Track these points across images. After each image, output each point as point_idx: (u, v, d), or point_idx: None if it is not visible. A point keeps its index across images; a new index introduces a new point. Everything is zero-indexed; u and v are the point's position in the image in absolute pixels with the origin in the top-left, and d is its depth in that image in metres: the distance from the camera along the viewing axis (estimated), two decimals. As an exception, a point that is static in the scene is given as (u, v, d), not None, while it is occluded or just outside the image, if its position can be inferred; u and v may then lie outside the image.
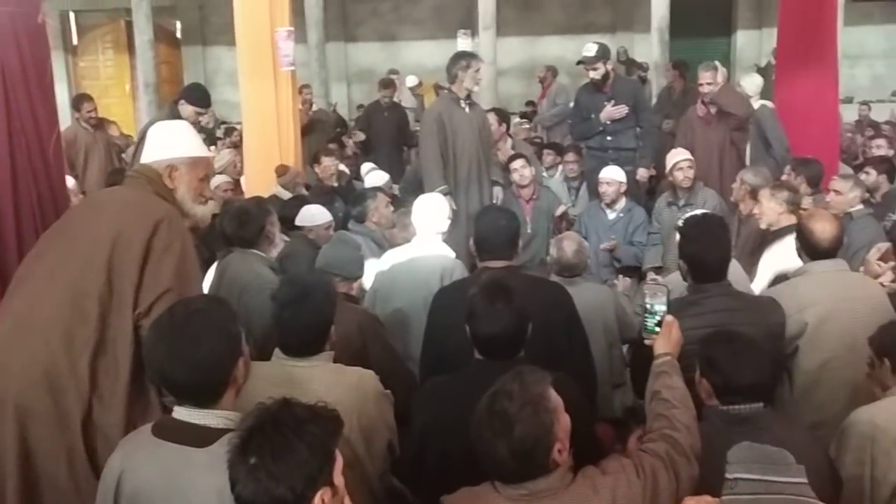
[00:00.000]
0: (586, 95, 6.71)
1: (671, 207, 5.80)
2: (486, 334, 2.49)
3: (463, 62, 5.73)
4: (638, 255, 5.89)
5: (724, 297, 3.05)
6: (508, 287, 2.53)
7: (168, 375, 2.02)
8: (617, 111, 6.40)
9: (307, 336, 2.62)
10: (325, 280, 2.97)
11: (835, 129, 6.91)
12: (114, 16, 15.20)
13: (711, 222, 3.25)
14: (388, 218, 5.00)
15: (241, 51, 6.62)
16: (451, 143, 5.70)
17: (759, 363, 2.50)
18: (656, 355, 2.51)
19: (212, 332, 2.02)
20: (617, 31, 14.48)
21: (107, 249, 2.62)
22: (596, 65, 6.37)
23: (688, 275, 3.11)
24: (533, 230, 6.04)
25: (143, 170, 2.91)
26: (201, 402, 2.02)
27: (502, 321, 2.47)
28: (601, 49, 6.41)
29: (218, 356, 2.02)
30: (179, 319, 2.04)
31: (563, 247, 4.16)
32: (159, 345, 2.03)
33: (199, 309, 2.08)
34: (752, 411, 2.46)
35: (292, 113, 6.64)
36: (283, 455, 1.67)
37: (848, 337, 3.24)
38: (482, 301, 2.50)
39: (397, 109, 9.59)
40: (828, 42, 6.57)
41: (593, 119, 6.53)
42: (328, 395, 2.27)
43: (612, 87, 6.49)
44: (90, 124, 7.83)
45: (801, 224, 3.51)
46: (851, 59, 14.28)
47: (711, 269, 3.06)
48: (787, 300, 3.32)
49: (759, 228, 4.51)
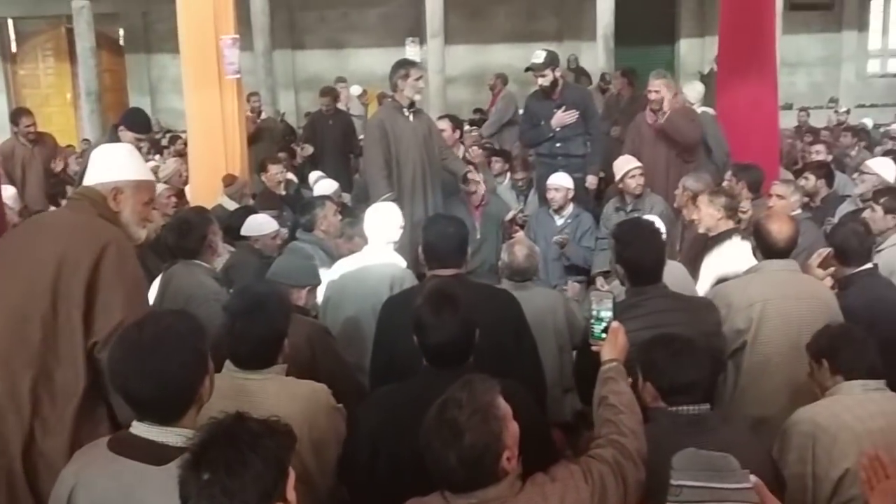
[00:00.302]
0: (536, 102, 6.74)
1: (619, 213, 5.86)
2: (433, 344, 2.49)
3: (402, 71, 5.71)
4: (587, 258, 5.95)
5: (662, 298, 3.11)
6: (454, 295, 2.53)
7: (133, 391, 1.97)
8: (568, 116, 6.43)
9: (260, 348, 2.58)
10: (278, 291, 2.93)
11: (775, 135, 7.07)
12: (54, 23, 14.87)
13: (644, 226, 3.31)
14: (336, 226, 4.98)
15: (185, 59, 6.53)
16: (394, 151, 5.68)
17: (699, 361, 2.58)
18: (603, 361, 2.53)
19: (181, 349, 1.98)
20: (563, 39, 14.66)
21: (51, 272, 2.57)
22: (544, 71, 6.40)
23: (625, 279, 3.17)
24: (482, 236, 6.05)
25: (86, 192, 2.87)
26: (163, 419, 1.98)
27: (449, 330, 2.46)
28: (549, 56, 6.45)
29: (186, 373, 1.98)
30: (148, 335, 1.99)
31: (514, 252, 4.18)
32: (126, 360, 1.97)
33: (169, 325, 2.03)
34: (700, 413, 2.51)
35: (238, 121, 6.57)
36: (238, 470, 1.63)
37: (792, 334, 3.34)
38: (428, 311, 2.49)
39: (341, 117, 9.47)
40: (767, 50, 6.72)
41: (543, 126, 6.55)
42: (280, 408, 2.24)
43: (561, 95, 6.53)
44: (28, 139, 7.60)
45: (758, 224, 3.61)
46: (790, 66, 14.67)
47: (647, 272, 3.12)
48: (737, 294, 3.43)
49: (702, 233, 4.59)
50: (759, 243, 3.57)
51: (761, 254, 3.59)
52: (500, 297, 3.23)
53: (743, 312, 3.39)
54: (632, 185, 5.76)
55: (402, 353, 2.81)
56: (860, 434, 2.65)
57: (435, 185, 5.89)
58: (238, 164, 6.53)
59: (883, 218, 4.44)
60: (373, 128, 5.84)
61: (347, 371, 3.45)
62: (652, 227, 3.31)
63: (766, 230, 3.53)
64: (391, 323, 3.13)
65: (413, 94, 5.68)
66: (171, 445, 1.94)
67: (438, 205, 5.85)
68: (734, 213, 4.45)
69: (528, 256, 4.18)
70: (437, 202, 5.88)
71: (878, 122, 12.65)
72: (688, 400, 2.51)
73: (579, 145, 6.52)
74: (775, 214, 3.73)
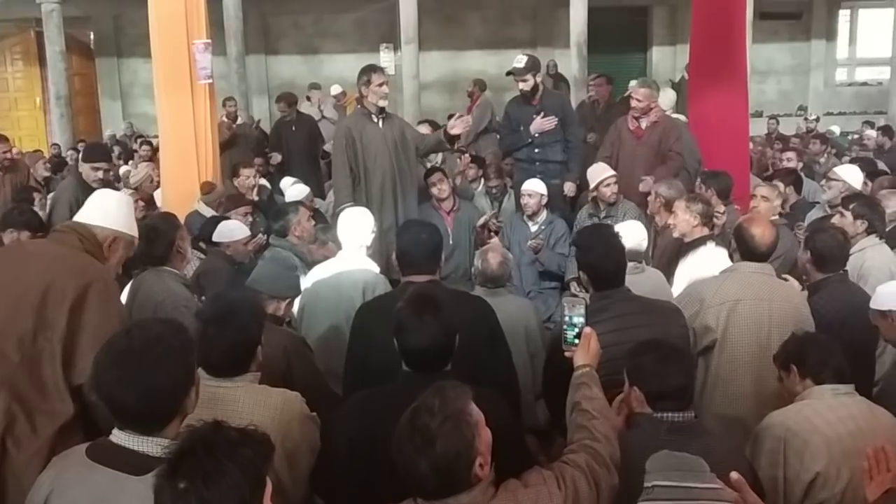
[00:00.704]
0: (515, 108, 6.74)
1: (592, 219, 5.87)
2: (414, 347, 2.47)
3: (364, 77, 5.69)
4: (561, 264, 5.96)
5: (627, 302, 3.13)
6: (436, 299, 2.52)
7: (117, 399, 1.93)
8: (547, 122, 6.43)
9: (232, 355, 2.56)
10: (251, 298, 2.91)
11: (745, 142, 7.15)
12: (23, 25, 14.67)
13: (604, 231, 3.37)
14: (309, 232, 4.95)
15: (157, 63, 6.46)
16: (361, 158, 5.65)
17: (686, 367, 2.59)
18: (576, 367, 2.53)
19: (169, 359, 1.95)
20: (537, 45, 14.71)
21: (37, 297, 2.61)
22: (525, 76, 6.40)
23: (589, 284, 3.19)
24: (455, 242, 6.05)
25: (76, 227, 2.93)
26: (146, 428, 1.95)
27: (430, 334, 2.45)
28: (531, 61, 6.46)
29: (173, 384, 1.96)
30: (137, 344, 1.96)
31: (487, 258, 4.19)
32: (112, 367, 1.94)
33: (159, 335, 2.00)
34: (684, 420, 2.52)
35: (210, 127, 6.51)
36: (215, 479, 1.61)
37: (762, 336, 3.39)
38: (410, 314, 2.48)
39: (304, 121, 9.35)
40: (738, 58, 6.80)
41: (522, 131, 6.55)
42: (252, 417, 2.22)
43: (540, 101, 6.53)
44: (2, 167, 7.02)
45: (740, 227, 3.64)
46: (760, 74, 14.89)
47: (610, 276, 3.14)
48: (710, 291, 3.47)
49: (675, 239, 4.62)
50: (740, 246, 3.60)
51: (740, 256, 3.62)
52: (474, 304, 3.23)
53: (714, 310, 3.43)
54: (606, 194, 5.80)
55: (376, 360, 2.80)
56: (831, 438, 2.69)
57: (407, 191, 5.86)
58: (210, 170, 6.48)
59: (853, 223, 4.50)
60: (339, 136, 5.83)
61: (323, 384, 3.42)
62: (612, 231, 3.35)
63: (749, 234, 3.56)
64: (364, 329, 3.11)
65: (377, 100, 5.64)
66: (150, 455, 1.92)
67: (411, 211, 5.82)
68: (710, 219, 4.49)
69: (502, 263, 4.19)
70: (411, 209, 5.85)
71: (846, 130, 12.86)
72: (673, 406, 2.52)
73: (557, 151, 6.53)
74: (758, 218, 3.77)
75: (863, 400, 2.87)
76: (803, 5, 15.63)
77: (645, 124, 6.32)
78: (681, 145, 6.28)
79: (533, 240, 5.95)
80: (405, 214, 5.73)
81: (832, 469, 2.67)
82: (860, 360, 3.15)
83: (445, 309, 2.49)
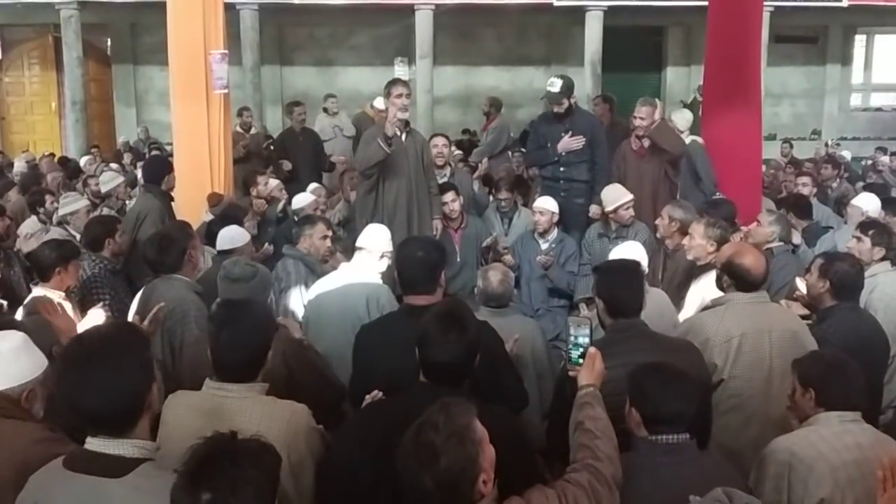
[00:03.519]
0: (545, 125, 6.76)
1: (602, 239, 5.91)
2: (435, 361, 2.51)
3: (386, 90, 5.73)
4: (570, 282, 5.96)
5: (642, 338, 3.11)
6: (464, 318, 2.57)
7: (81, 405, 1.95)
8: (575, 142, 6.42)
9: (245, 357, 2.57)
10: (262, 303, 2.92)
11: (758, 165, 7.17)
12: (41, 31, 14.85)
13: (628, 265, 3.39)
14: (319, 250, 4.91)
15: (173, 72, 6.55)
16: (381, 170, 5.65)
17: (687, 392, 2.57)
18: (580, 386, 2.55)
19: (124, 359, 1.98)
20: (551, 63, 14.77)
21: None
22: (561, 100, 6.43)
23: (604, 312, 3.18)
24: (462, 259, 6.04)
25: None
26: (116, 430, 1.96)
27: (453, 351, 2.49)
28: (565, 84, 6.44)
29: (132, 382, 1.97)
30: (89, 347, 1.98)
31: (488, 277, 4.18)
32: (70, 374, 1.96)
33: (109, 335, 2.03)
34: (679, 442, 2.52)
35: (224, 136, 6.58)
36: (242, 487, 1.63)
37: (764, 368, 3.37)
38: (437, 328, 2.52)
39: (310, 134, 9.29)
40: (752, 80, 6.84)
41: (549, 148, 6.55)
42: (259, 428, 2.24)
43: (570, 119, 6.51)
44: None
45: (730, 261, 3.56)
46: (775, 97, 14.91)
47: (628, 305, 3.14)
48: (712, 328, 3.43)
49: (687, 262, 4.62)
50: (736, 280, 3.54)
51: (735, 288, 3.56)
52: None
53: (720, 347, 3.39)
54: (625, 217, 5.81)
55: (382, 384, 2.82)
56: (836, 465, 2.68)
57: (423, 209, 5.85)
58: (223, 180, 6.54)
59: (870, 250, 4.55)
60: (369, 134, 5.81)
61: (329, 379, 3.45)
62: (636, 265, 3.37)
63: (745, 268, 3.49)
64: (368, 352, 3.14)
65: (396, 112, 5.65)
66: (126, 457, 1.94)
67: (425, 230, 5.80)
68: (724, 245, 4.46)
69: (503, 282, 4.17)
70: (425, 227, 5.82)
71: (859, 156, 12.83)
72: (670, 430, 2.52)
73: (583, 171, 6.50)
74: (744, 249, 3.68)
75: (869, 427, 2.86)
76: (819, 29, 15.64)
77: (647, 143, 6.37)
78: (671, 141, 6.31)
79: (542, 256, 5.96)
80: (419, 229, 5.74)
81: (837, 495, 2.66)
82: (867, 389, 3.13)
83: (471, 328, 2.54)
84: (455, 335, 2.49)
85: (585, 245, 6.07)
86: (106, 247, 4.80)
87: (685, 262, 4.69)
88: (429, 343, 2.51)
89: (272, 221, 6.72)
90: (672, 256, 5.06)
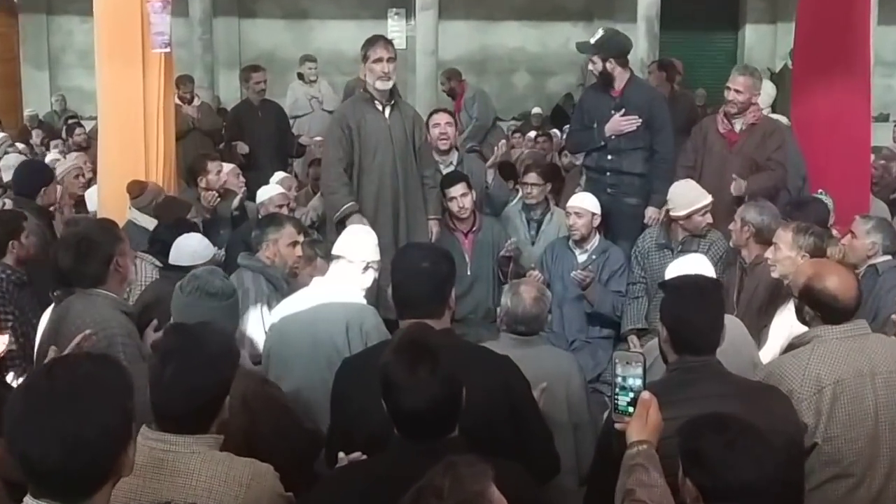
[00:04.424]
0: (592, 97, 6.75)
1: (663, 251, 5.84)
2: (407, 409, 2.50)
3: (362, 52, 5.74)
4: (616, 306, 5.94)
5: (716, 381, 3.07)
6: (429, 345, 2.55)
7: (33, 457, 1.91)
8: (626, 122, 6.33)
9: (195, 402, 2.55)
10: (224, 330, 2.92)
11: (866, 153, 7.14)
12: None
13: (704, 280, 3.35)
14: (285, 259, 4.93)
15: (99, 24, 6.56)
16: (357, 155, 5.71)
17: (761, 456, 2.52)
18: (629, 444, 2.54)
19: (101, 405, 1.94)
20: (594, 18, 14.81)
21: None
22: (593, 56, 6.37)
23: (667, 344, 3.16)
24: (474, 273, 6.04)
25: None
26: (68, 495, 1.94)
27: (427, 392, 2.46)
28: (605, 37, 6.40)
29: (106, 437, 1.94)
30: (61, 385, 1.95)
31: (519, 293, 4.16)
32: (30, 416, 1.93)
33: (88, 373, 1.99)
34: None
35: (165, 108, 6.58)
36: None
37: (869, 423, 3.33)
38: (399, 367, 2.50)
39: (272, 108, 9.29)
40: (858, 44, 6.81)
41: (595, 129, 6.48)
42: (210, 493, 2.24)
43: (623, 92, 6.42)
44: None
45: (809, 286, 3.52)
46: (887, 65, 14.85)
47: (701, 340, 3.11)
48: (797, 377, 3.36)
49: (770, 280, 4.60)
50: (822, 310, 3.50)
51: (822, 321, 3.51)
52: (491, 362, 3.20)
53: (808, 401, 3.33)
54: (701, 224, 5.74)
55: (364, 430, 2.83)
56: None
57: (412, 203, 5.87)
58: (163, 166, 6.53)
59: None
60: (333, 126, 5.87)
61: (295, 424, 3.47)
62: (716, 285, 3.34)
63: (829, 293, 3.44)
64: (347, 394, 3.15)
65: (374, 81, 5.67)
66: None
67: (416, 229, 5.83)
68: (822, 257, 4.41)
69: (538, 300, 4.16)
70: (415, 226, 5.86)
71: None
72: None
73: (637, 162, 6.41)
74: (825, 268, 3.61)
75: None
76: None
77: (739, 126, 6.31)
78: (783, 154, 6.26)
79: (580, 271, 5.90)
80: (407, 233, 5.77)
81: None
82: None
83: (444, 356, 2.51)
84: (425, 370, 2.47)
85: (637, 258, 6.02)
86: (9, 252, 4.80)
87: (767, 280, 4.68)
88: (393, 387, 2.50)
89: (225, 221, 6.73)
90: (751, 272, 5.05)
